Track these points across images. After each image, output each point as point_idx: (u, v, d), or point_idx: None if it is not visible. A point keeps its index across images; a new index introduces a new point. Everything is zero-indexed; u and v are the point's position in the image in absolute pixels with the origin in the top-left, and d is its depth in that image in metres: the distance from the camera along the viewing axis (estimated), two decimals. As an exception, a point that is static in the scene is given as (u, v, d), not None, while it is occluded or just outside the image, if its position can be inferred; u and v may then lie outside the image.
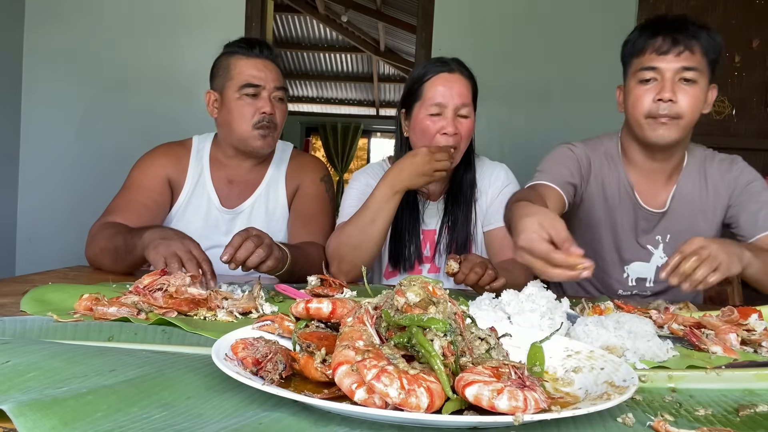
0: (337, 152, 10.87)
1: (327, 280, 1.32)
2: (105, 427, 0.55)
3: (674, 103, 1.50)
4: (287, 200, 1.82)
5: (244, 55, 1.72)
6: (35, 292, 1.14)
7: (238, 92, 1.70)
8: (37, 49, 3.55)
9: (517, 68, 3.41)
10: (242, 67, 1.71)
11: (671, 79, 1.51)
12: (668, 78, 1.51)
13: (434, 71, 1.65)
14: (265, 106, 1.70)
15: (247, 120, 1.70)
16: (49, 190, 3.57)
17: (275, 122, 1.73)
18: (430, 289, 0.68)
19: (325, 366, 0.66)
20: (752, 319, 1.08)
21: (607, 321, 0.95)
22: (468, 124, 1.65)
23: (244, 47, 1.73)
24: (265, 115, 1.70)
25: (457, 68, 1.66)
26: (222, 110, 1.74)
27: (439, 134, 1.62)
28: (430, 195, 1.77)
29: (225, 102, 1.73)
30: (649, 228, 1.69)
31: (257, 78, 1.70)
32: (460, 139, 1.64)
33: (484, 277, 1.32)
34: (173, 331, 0.93)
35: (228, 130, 1.74)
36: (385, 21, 7.36)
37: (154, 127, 3.31)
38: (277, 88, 1.73)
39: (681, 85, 1.51)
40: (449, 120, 1.62)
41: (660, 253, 1.69)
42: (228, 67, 1.73)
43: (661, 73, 1.51)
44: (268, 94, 1.71)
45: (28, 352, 0.72)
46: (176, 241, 1.32)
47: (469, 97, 1.65)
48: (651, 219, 1.68)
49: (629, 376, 0.69)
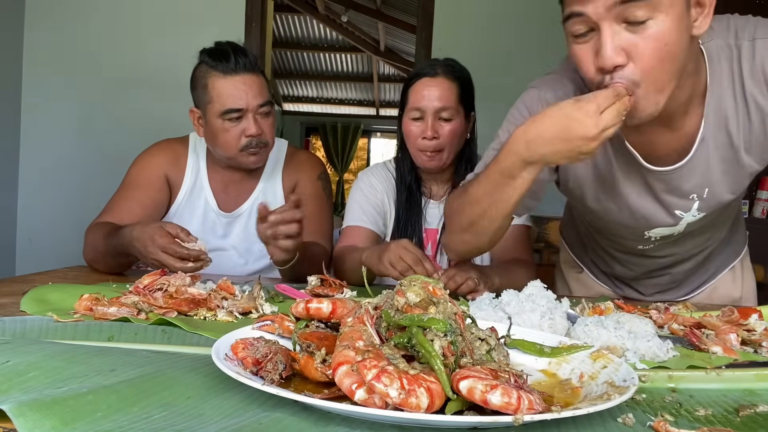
0: (337, 152, 10.88)
1: (327, 280, 1.32)
2: (105, 427, 0.55)
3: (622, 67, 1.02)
4: (285, 200, 1.81)
5: (222, 73, 1.59)
6: (35, 292, 1.14)
7: (221, 118, 1.60)
8: (37, 49, 3.56)
9: (517, 68, 3.41)
10: (221, 89, 1.59)
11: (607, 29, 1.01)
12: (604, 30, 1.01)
13: (418, 76, 1.68)
14: (250, 128, 1.61)
15: (233, 144, 1.63)
16: (49, 190, 3.57)
17: (264, 141, 1.65)
18: (430, 290, 0.68)
19: (325, 366, 0.66)
20: (752, 319, 1.08)
21: (607, 321, 0.95)
22: (450, 126, 1.65)
23: (220, 62, 1.59)
24: (252, 138, 1.62)
25: (443, 71, 1.66)
26: (207, 130, 1.66)
27: (419, 138, 1.65)
28: (432, 195, 1.78)
29: (208, 124, 1.64)
30: (673, 189, 1.25)
31: (238, 101, 1.59)
32: (443, 141, 1.65)
33: (462, 287, 1.34)
34: (173, 331, 0.93)
35: (216, 150, 1.69)
36: (385, 21, 7.36)
37: (154, 127, 3.30)
38: (261, 104, 1.62)
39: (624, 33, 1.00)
40: (428, 124, 1.63)
41: (693, 213, 1.28)
42: (206, 87, 1.61)
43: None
44: (252, 113, 1.61)
45: (28, 352, 0.72)
46: (148, 244, 1.34)
47: (453, 100, 1.65)
48: (670, 180, 1.23)
49: (629, 376, 0.69)
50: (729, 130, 1.18)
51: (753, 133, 1.17)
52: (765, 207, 3.28)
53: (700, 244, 1.47)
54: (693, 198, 1.25)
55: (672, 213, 1.29)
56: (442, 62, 1.70)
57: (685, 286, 1.59)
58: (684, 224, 1.31)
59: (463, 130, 1.70)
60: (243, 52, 1.62)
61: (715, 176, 1.22)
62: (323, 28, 8.43)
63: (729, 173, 1.22)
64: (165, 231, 1.34)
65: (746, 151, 1.19)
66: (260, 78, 1.65)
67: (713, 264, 1.57)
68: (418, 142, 1.65)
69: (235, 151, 1.64)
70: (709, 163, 1.21)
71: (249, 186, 1.79)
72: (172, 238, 1.33)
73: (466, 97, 1.69)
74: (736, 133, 1.17)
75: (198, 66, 1.65)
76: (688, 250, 1.47)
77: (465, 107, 1.69)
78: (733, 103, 1.16)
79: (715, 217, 1.36)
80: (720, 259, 1.57)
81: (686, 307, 1.26)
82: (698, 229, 1.38)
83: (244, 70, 1.60)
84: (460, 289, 1.34)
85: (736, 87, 1.15)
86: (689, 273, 1.56)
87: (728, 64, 1.14)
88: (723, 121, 1.17)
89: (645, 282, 1.58)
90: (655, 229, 1.34)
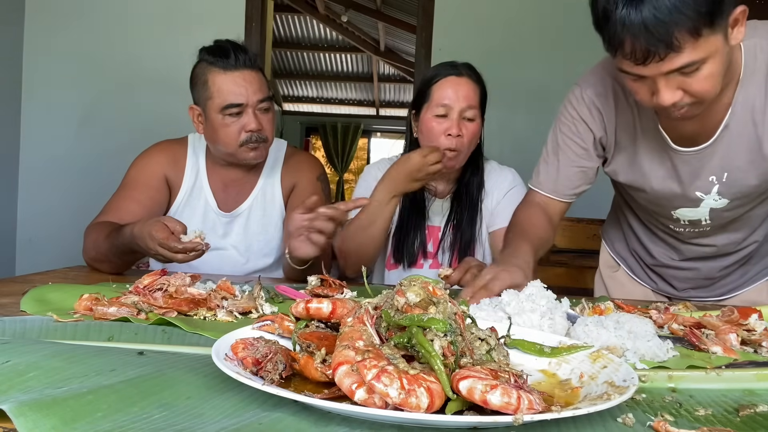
0: (337, 152, 10.87)
1: (327, 281, 1.32)
2: (105, 427, 0.55)
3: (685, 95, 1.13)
4: (283, 200, 1.81)
5: (222, 69, 1.60)
6: (35, 292, 1.14)
7: (221, 113, 1.61)
8: (37, 49, 3.56)
9: (517, 68, 3.41)
10: (221, 84, 1.60)
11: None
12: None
13: (443, 74, 1.69)
14: (250, 123, 1.62)
15: (233, 139, 1.63)
16: (50, 191, 3.57)
17: (264, 136, 1.65)
18: (430, 289, 0.68)
19: (325, 366, 0.66)
20: (752, 319, 1.08)
21: (607, 321, 0.95)
22: (473, 127, 1.67)
23: (220, 58, 1.61)
24: (252, 133, 1.63)
25: (466, 72, 1.69)
26: (207, 127, 1.67)
27: (443, 135, 1.64)
28: (437, 193, 1.80)
29: (208, 120, 1.65)
30: (695, 170, 1.34)
31: (238, 96, 1.60)
32: (464, 141, 1.65)
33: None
34: (173, 331, 0.93)
35: (216, 147, 1.70)
36: (385, 21, 7.37)
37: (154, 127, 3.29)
38: (261, 99, 1.63)
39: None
40: (454, 121, 1.64)
41: (713, 197, 1.36)
42: (206, 83, 1.62)
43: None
44: (252, 109, 1.62)
45: (28, 352, 0.72)
46: (147, 240, 1.36)
47: (476, 101, 1.67)
48: (692, 160, 1.33)
49: (629, 376, 0.69)
50: (755, 120, 1.26)
51: None
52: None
53: (736, 242, 1.50)
54: (713, 181, 1.34)
55: (692, 193, 1.37)
56: (464, 65, 1.72)
57: (718, 286, 1.60)
58: (707, 208, 1.39)
59: (480, 134, 1.72)
60: (242, 48, 1.64)
61: (737, 163, 1.31)
62: (323, 28, 8.43)
63: (755, 163, 1.29)
64: (161, 225, 1.36)
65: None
66: (260, 74, 1.67)
67: (752, 269, 1.58)
68: (441, 139, 1.65)
69: (235, 147, 1.65)
70: (730, 149, 1.29)
71: (248, 185, 1.79)
72: (168, 233, 1.35)
73: (484, 101, 1.72)
74: (761, 124, 1.26)
75: (197, 63, 1.67)
76: (724, 245, 1.49)
77: (482, 111, 1.71)
78: (763, 97, 1.24)
79: (748, 211, 1.42)
80: (760, 265, 1.58)
81: (686, 307, 1.26)
82: (730, 223, 1.44)
83: (243, 66, 1.62)
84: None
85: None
86: (725, 272, 1.56)
87: (764, 62, 1.24)
88: (750, 111, 1.26)
89: (680, 275, 1.59)
90: (680, 209, 1.43)
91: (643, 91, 1.17)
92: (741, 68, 1.24)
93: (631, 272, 1.69)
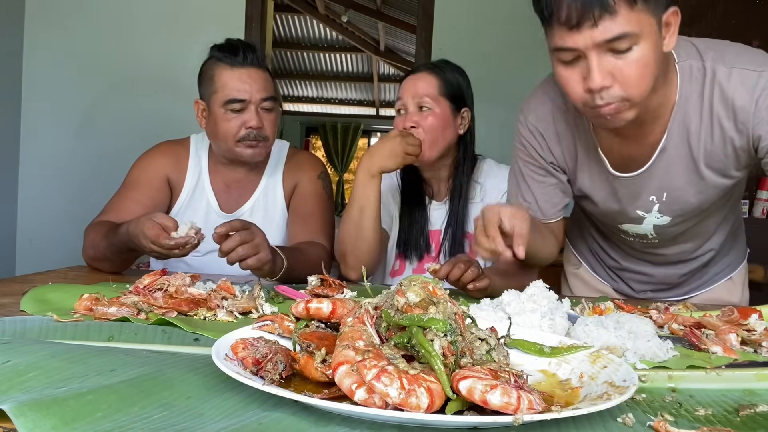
0: (337, 152, 10.88)
1: (327, 281, 1.32)
2: (105, 427, 0.55)
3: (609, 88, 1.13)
4: (285, 200, 1.81)
5: (229, 65, 1.64)
6: (35, 292, 1.14)
7: (223, 107, 1.63)
8: (37, 50, 3.56)
9: (517, 68, 3.41)
10: (226, 79, 1.63)
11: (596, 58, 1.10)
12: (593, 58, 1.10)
13: (406, 77, 1.76)
14: (251, 119, 1.63)
15: (232, 135, 1.65)
16: (49, 191, 3.57)
17: (264, 135, 1.66)
18: (430, 289, 0.68)
19: (325, 366, 0.66)
20: (752, 319, 1.08)
21: (607, 321, 0.95)
22: (429, 115, 1.68)
23: (228, 55, 1.64)
24: (252, 130, 1.64)
25: (425, 68, 1.74)
26: (209, 121, 1.69)
27: (401, 130, 1.69)
28: (434, 194, 1.80)
29: (211, 114, 1.67)
30: (634, 193, 1.37)
31: (242, 92, 1.63)
32: (421, 131, 1.66)
33: (467, 274, 1.34)
34: (173, 331, 0.93)
35: (215, 142, 1.72)
36: (385, 21, 7.37)
37: (155, 128, 3.31)
38: (265, 98, 1.65)
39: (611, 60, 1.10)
40: (408, 115, 1.69)
41: (655, 215, 1.39)
42: (212, 78, 1.66)
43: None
44: (255, 106, 1.64)
45: (28, 352, 0.72)
46: (140, 238, 1.36)
47: (431, 92, 1.68)
48: (630, 185, 1.36)
49: (629, 376, 0.69)
50: (690, 144, 1.27)
51: (713, 149, 1.26)
52: (765, 207, 3.28)
53: (688, 251, 1.52)
54: (653, 200, 1.37)
55: (633, 212, 1.40)
56: (433, 62, 1.77)
57: (677, 289, 1.62)
58: (650, 225, 1.42)
59: (448, 124, 1.70)
60: (251, 47, 1.68)
61: (676, 183, 1.33)
62: (323, 28, 8.43)
63: (692, 183, 1.32)
64: (152, 223, 1.36)
65: (706, 165, 1.29)
66: (266, 74, 1.69)
67: (711, 271, 1.59)
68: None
69: (233, 142, 1.66)
70: (668, 171, 1.31)
71: (250, 186, 1.80)
72: (160, 230, 1.35)
73: (452, 91, 1.71)
74: (696, 147, 1.27)
75: (207, 60, 1.71)
76: (676, 254, 1.52)
77: (452, 101, 1.70)
78: (698, 119, 1.25)
79: (693, 226, 1.44)
80: (718, 267, 1.60)
81: (686, 307, 1.26)
82: (679, 235, 1.46)
83: (250, 64, 1.65)
84: (464, 276, 1.33)
85: (704, 105, 1.24)
86: (683, 279, 1.58)
87: (700, 83, 1.23)
88: (685, 134, 1.27)
89: (637, 278, 1.61)
90: (625, 224, 1.45)
91: (575, 80, 1.15)
92: (677, 90, 1.24)
93: (592, 271, 1.71)
